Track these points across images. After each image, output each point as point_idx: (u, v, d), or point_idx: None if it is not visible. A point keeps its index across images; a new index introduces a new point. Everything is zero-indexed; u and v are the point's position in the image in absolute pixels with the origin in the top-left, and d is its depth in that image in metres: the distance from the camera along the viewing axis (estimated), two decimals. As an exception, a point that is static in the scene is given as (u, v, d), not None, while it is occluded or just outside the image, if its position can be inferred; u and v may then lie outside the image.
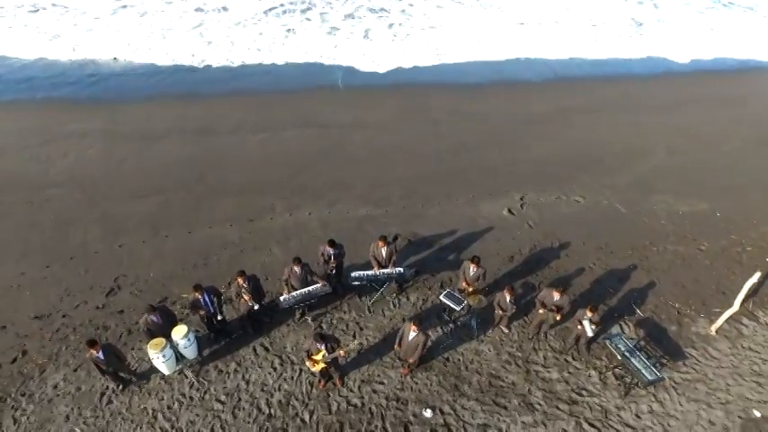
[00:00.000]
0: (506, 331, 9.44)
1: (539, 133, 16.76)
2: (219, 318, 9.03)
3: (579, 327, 8.57)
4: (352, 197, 13.49)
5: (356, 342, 8.30)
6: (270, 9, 23.69)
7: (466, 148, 15.86)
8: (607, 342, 8.61)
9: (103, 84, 19.49)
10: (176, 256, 11.44)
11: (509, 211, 12.78)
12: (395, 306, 10.02)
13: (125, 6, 23.79)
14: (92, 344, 7.68)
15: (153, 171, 14.68)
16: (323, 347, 7.84)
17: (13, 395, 8.46)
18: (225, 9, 23.66)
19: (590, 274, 10.81)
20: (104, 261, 11.26)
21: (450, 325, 9.52)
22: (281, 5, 24.04)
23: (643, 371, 8.10)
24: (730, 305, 9.54)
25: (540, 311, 8.81)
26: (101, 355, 7.77)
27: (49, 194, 13.60)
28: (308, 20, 23.30)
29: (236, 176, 14.46)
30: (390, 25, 22.84)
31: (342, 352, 7.89)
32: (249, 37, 21.76)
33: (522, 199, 13.28)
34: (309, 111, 17.95)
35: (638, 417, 8.17)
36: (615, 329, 9.53)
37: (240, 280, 8.82)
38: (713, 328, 9.49)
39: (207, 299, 8.76)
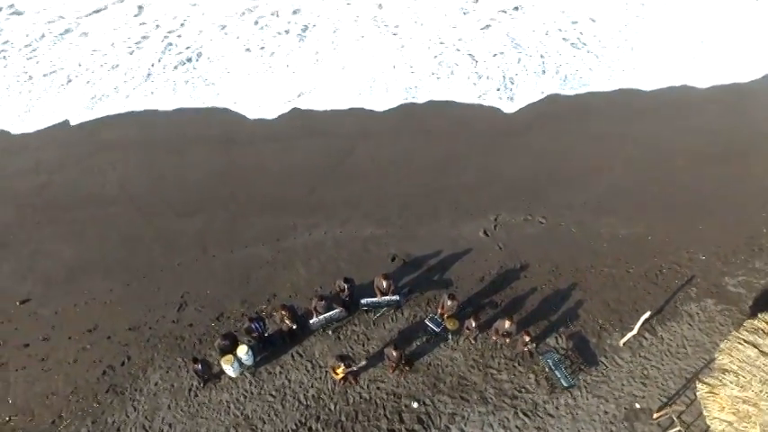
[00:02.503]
0: (473, 342, 13.13)
1: (517, 145, 19.40)
2: (266, 335, 12.65)
3: (525, 348, 12.26)
4: (358, 216, 16.60)
5: (363, 363, 11.99)
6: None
7: (453, 162, 18.60)
8: (540, 357, 12.33)
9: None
10: (224, 274, 14.83)
11: (484, 232, 16.00)
12: (393, 320, 13.64)
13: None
14: (195, 360, 11.42)
15: (190, 187, 17.58)
16: (342, 364, 11.54)
17: (128, 390, 12.27)
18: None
19: (540, 293, 14.31)
20: (170, 279, 14.67)
21: (432, 338, 13.16)
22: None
23: (562, 380, 11.90)
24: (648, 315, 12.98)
25: (494, 338, 12.45)
26: (200, 366, 11.50)
27: (111, 212, 16.68)
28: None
29: (261, 192, 17.41)
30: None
31: (355, 368, 11.61)
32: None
33: (495, 220, 16.43)
34: (314, 119, 20.35)
35: (557, 408, 12.07)
36: (552, 341, 13.23)
37: (283, 312, 12.35)
38: (622, 341, 13.18)
39: (256, 325, 12.32)
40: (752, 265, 15.05)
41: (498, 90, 21.41)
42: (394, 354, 11.71)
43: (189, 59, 22.75)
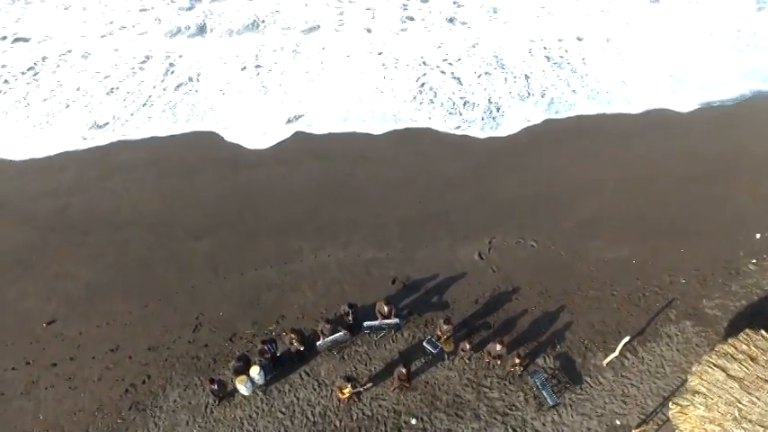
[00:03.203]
0: (467, 362, 14.20)
1: (512, 167, 20.38)
2: (278, 355, 13.72)
3: (513, 368, 13.34)
4: (359, 238, 17.60)
5: (370, 385, 13.07)
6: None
7: (449, 185, 19.56)
8: (529, 377, 13.42)
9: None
10: (235, 296, 15.86)
11: (479, 255, 17.03)
12: (393, 341, 14.69)
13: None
14: (211, 381, 12.48)
15: (201, 210, 18.57)
16: (349, 385, 12.62)
17: (149, 407, 13.32)
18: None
19: (530, 315, 15.36)
20: (185, 300, 15.70)
21: (430, 357, 14.22)
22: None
23: (548, 398, 12.99)
24: (627, 339, 14.09)
25: (486, 359, 13.53)
26: (216, 386, 12.56)
27: (126, 235, 17.67)
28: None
29: (268, 215, 18.41)
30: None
31: (363, 389, 12.69)
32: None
33: (490, 243, 17.45)
34: (316, 142, 21.31)
35: (544, 425, 13.15)
36: (540, 361, 14.30)
37: (292, 335, 13.42)
38: (605, 361, 14.26)
39: (269, 346, 13.39)
40: (728, 287, 16.11)
41: (483, 120, 22.06)
42: (403, 371, 12.79)
43: (190, 79, 23.60)
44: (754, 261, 16.81)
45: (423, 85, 23.64)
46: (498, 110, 22.57)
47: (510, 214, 18.40)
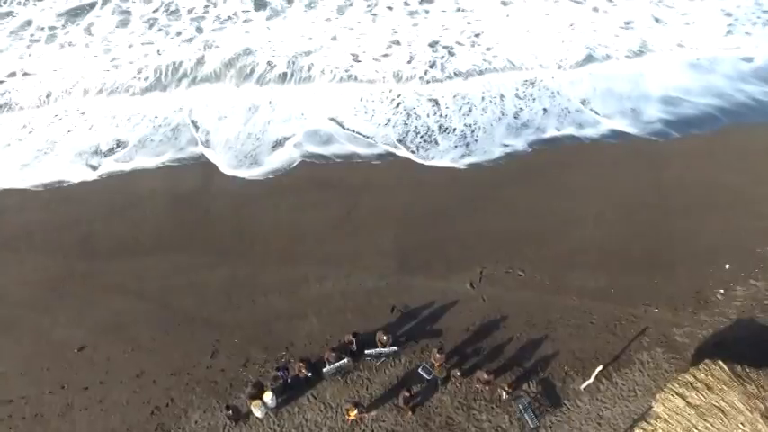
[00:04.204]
0: (458, 386, 15.78)
1: (502, 198, 21.84)
2: (289, 380, 15.29)
3: (500, 392, 14.94)
4: (361, 268, 19.10)
5: (374, 413, 14.68)
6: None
7: (444, 214, 21.08)
8: (513, 401, 15.01)
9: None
10: (249, 323, 17.40)
11: (470, 285, 18.57)
12: (392, 367, 16.26)
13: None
14: (227, 407, 14.03)
15: (214, 239, 20.08)
16: (356, 409, 14.21)
17: (173, 428, 14.88)
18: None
19: (516, 342, 16.92)
20: (202, 327, 17.24)
21: (425, 383, 15.79)
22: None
23: (530, 421, 14.58)
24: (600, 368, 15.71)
25: (476, 385, 15.12)
26: (231, 412, 14.12)
27: (145, 263, 19.19)
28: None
29: (277, 245, 19.93)
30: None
31: (367, 415, 14.27)
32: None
33: (481, 273, 18.98)
34: (320, 171, 22.79)
35: (526, 445, 14.76)
36: (524, 386, 15.89)
37: (300, 363, 15.00)
38: (582, 386, 15.84)
39: (282, 373, 14.98)
40: (697, 317, 17.66)
41: (456, 147, 23.37)
42: (407, 394, 14.38)
43: (191, 107, 25.21)
44: (721, 291, 18.35)
45: (398, 105, 25.18)
46: (473, 133, 23.97)
47: (499, 245, 19.86)
